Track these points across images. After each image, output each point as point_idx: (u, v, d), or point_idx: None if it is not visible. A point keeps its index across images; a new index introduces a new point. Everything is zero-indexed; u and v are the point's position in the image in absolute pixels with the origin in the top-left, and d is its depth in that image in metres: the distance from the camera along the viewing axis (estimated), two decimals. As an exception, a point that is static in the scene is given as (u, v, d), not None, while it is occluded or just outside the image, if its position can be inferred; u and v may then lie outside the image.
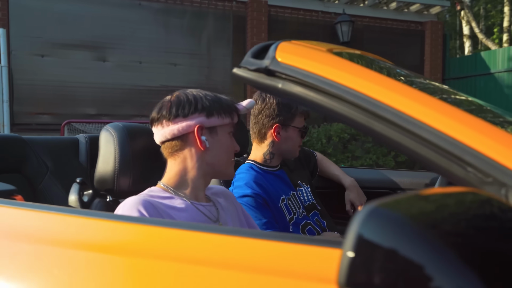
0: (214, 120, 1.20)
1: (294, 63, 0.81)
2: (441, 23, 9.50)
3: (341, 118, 0.75)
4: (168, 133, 1.19)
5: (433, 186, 1.98)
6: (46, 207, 1.01)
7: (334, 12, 8.43)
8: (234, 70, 0.89)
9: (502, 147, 0.65)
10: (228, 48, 7.82)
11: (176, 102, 1.20)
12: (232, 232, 0.80)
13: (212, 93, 1.26)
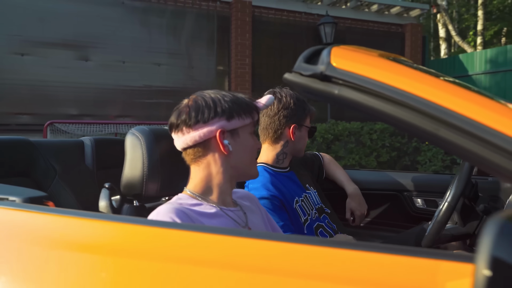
0: (235, 122, 1.17)
1: (352, 68, 0.80)
2: (420, 26, 9.69)
3: (405, 126, 0.75)
4: (189, 140, 1.16)
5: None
6: (81, 214, 0.99)
7: (317, 14, 8.49)
8: (285, 75, 0.88)
9: None
10: (212, 48, 7.78)
11: (194, 107, 1.16)
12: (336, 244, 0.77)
13: (229, 92, 1.23)
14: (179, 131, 1.17)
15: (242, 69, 7.73)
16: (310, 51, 0.88)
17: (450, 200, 1.45)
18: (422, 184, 2.02)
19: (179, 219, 1.05)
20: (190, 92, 4.64)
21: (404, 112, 0.74)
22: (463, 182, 1.46)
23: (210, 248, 0.84)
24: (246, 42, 7.78)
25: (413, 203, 2.01)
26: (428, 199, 1.99)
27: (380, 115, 0.77)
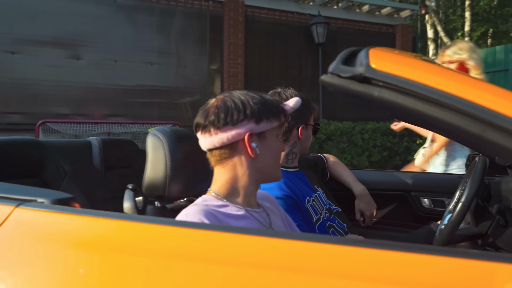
0: (263, 125, 1.17)
1: (392, 70, 0.80)
2: (410, 27, 9.78)
3: (450, 128, 0.76)
4: (216, 142, 1.14)
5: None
6: (111, 215, 0.98)
7: (309, 14, 8.51)
8: (322, 77, 0.88)
9: None
10: (205, 48, 7.76)
11: (224, 108, 1.15)
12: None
13: (256, 94, 1.22)
14: (206, 131, 1.16)
15: (235, 69, 7.72)
16: (346, 53, 0.88)
17: (465, 200, 1.46)
18: (429, 184, 2.04)
19: (208, 220, 1.05)
20: (182, 91, 4.77)
21: (449, 114, 0.74)
22: (477, 182, 1.47)
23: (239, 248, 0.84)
24: (239, 41, 7.77)
25: (420, 203, 2.03)
26: (435, 199, 2.01)
27: (423, 118, 0.78)
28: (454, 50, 2.79)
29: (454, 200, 1.76)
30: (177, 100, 7.53)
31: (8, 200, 0.99)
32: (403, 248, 0.73)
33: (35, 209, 0.97)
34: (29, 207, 0.97)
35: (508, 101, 0.73)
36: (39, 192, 1.03)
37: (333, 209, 1.93)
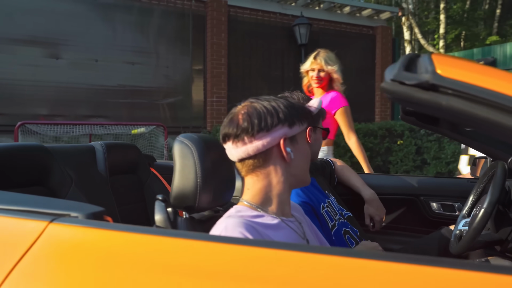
0: (295, 128, 1.13)
1: (462, 77, 0.77)
2: (390, 28, 9.90)
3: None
4: (251, 150, 1.09)
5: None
6: (149, 230, 0.92)
7: (291, 15, 8.51)
8: (383, 85, 0.84)
9: None
10: (188, 48, 7.65)
11: (256, 114, 1.10)
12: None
13: (281, 97, 1.18)
14: (239, 140, 1.10)
15: (218, 69, 7.65)
16: (406, 59, 0.84)
17: (487, 206, 1.45)
18: (438, 188, 2.04)
19: (249, 233, 1.00)
20: (165, 92, 4.72)
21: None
22: (498, 188, 1.47)
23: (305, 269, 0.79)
24: (222, 42, 7.70)
25: (430, 208, 2.03)
26: (445, 204, 2.01)
27: (495, 127, 0.75)
28: (326, 59, 2.87)
29: (468, 204, 1.76)
30: (159, 101, 7.41)
31: (39, 215, 0.92)
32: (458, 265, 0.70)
33: (70, 224, 0.90)
34: (63, 222, 0.90)
35: None
36: (70, 206, 0.96)
37: (344, 214, 1.91)
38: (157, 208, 1.12)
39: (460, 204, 1.99)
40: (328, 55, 2.93)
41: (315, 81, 2.90)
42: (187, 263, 0.86)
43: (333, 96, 2.93)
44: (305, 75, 3.04)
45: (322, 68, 2.88)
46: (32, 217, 0.91)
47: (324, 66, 2.88)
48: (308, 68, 2.93)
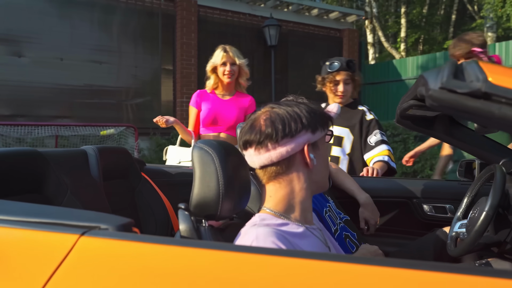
0: (318, 134, 1.12)
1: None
2: (357, 31, 10.09)
3: None
4: (274, 156, 1.07)
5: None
6: (181, 242, 0.89)
7: (261, 16, 8.52)
8: (430, 92, 0.83)
9: None
10: (157, 47, 7.51)
11: (279, 120, 1.08)
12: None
13: (300, 102, 1.16)
14: (262, 147, 1.08)
15: (188, 70, 7.55)
16: (453, 66, 0.84)
17: (488, 209, 1.48)
18: (430, 190, 2.08)
19: (281, 243, 0.98)
20: (133, 92, 4.63)
21: None
22: (499, 191, 1.50)
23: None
24: (192, 42, 7.61)
25: (422, 210, 2.07)
26: (437, 206, 2.05)
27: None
28: (236, 53, 2.88)
29: (463, 207, 1.80)
30: (127, 101, 7.24)
31: (69, 228, 0.87)
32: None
33: (102, 237, 0.85)
34: (95, 235, 0.85)
35: None
36: (98, 218, 0.91)
37: (342, 217, 1.91)
38: (182, 217, 1.08)
39: (452, 206, 2.04)
40: (236, 49, 2.90)
41: (227, 75, 2.83)
42: (232, 276, 0.83)
43: (252, 99, 3.04)
44: (210, 74, 2.90)
45: (234, 61, 2.84)
46: (62, 230, 0.86)
47: (236, 59, 2.85)
48: (220, 62, 2.83)
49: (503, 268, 1.56)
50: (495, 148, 1.88)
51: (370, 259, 0.83)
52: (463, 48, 2.44)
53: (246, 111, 2.99)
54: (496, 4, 9.62)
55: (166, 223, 2.05)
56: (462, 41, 2.46)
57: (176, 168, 2.34)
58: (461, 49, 2.45)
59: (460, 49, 2.45)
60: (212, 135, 2.89)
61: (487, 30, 11.56)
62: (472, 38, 2.45)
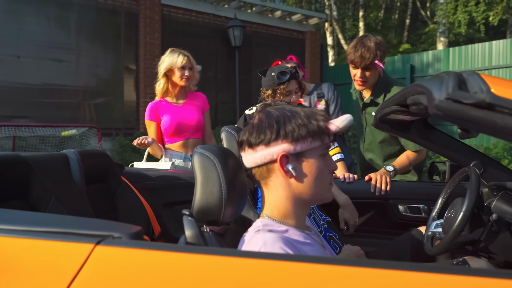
0: (300, 145, 1.08)
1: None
2: (319, 34, 10.27)
3: None
4: (251, 161, 1.11)
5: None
6: (186, 248, 0.89)
7: (225, 16, 8.52)
8: (437, 103, 0.87)
9: None
10: (119, 46, 7.36)
11: (257, 126, 1.10)
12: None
13: (301, 110, 1.13)
14: (242, 149, 1.13)
15: (152, 69, 7.41)
16: (457, 77, 0.88)
17: (465, 210, 1.56)
18: (405, 191, 2.16)
19: (289, 249, 1.00)
20: (95, 91, 4.57)
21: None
22: (475, 193, 1.59)
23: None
24: (156, 41, 7.50)
25: (398, 210, 2.14)
26: (412, 206, 2.13)
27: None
28: (192, 58, 2.88)
29: (437, 207, 1.88)
30: (89, 101, 7.05)
31: (83, 237, 0.85)
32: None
33: (118, 246, 0.84)
34: (109, 244, 0.84)
35: None
36: (110, 226, 0.90)
37: (324, 218, 1.96)
38: (187, 224, 1.07)
39: (425, 206, 2.13)
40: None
41: (185, 78, 2.81)
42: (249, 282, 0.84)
43: (204, 95, 3.02)
44: (162, 78, 2.83)
45: (192, 66, 2.85)
46: (77, 240, 0.84)
47: (194, 64, 2.87)
48: (179, 66, 2.78)
49: (482, 267, 1.64)
50: (466, 151, 1.98)
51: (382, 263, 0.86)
52: (366, 57, 2.28)
53: (202, 109, 2.97)
54: (448, 11, 10.05)
55: (146, 227, 2.03)
56: (365, 49, 2.29)
57: (156, 171, 2.32)
58: (363, 57, 2.30)
59: (362, 57, 2.30)
60: (179, 144, 2.84)
61: (440, 35, 12.06)
62: (376, 48, 2.30)
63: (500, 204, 1.84)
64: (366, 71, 2.35)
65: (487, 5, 9.64)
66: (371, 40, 2.31)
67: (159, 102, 2.87)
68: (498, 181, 1.93)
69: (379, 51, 2.29)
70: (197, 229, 1.07)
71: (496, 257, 1.67)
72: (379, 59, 2.30)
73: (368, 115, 2.57)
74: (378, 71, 2.41)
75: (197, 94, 3.02)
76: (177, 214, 2.23)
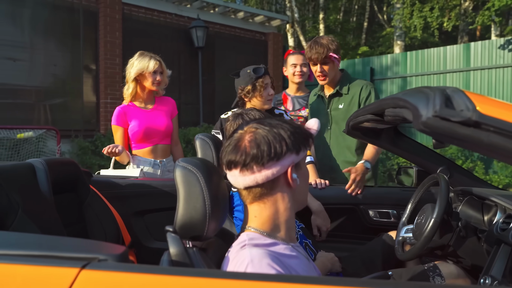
0: (301, 154, 1.13)
1: (502, 116, 0.84)
2: (281, 35, 10.33)
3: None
4: (260, 179, 1.07)
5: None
6: (170, 270, 0.87)
7: (187, 16, 8.42)
8: (425, 120, 0.88)
9: None
10: (78, 45, 7.12)
11: (264, 142, 1.08)
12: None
13: (280, 121, 1.15)
14: (248, 169, 1.07)
15: (112, 69, 7.25)
16: (442, 95, 0.89)
17: (436, 216, 1.61)
18: (375, 197, 2.21)
19: (276, 265, 0.99)
20: (52, 91, 4.48)
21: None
22: (445, 200, 1.64)
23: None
24: (116, 40, 7.32)
25: (369, 215, 2.19)
26: (381, 211, 2.18)
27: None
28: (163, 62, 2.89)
29: (407, 212, 1.93)
30: (46, 102, 6.79)
31: (66, 261, 0.81)
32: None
33: (103, 270, 0.81)
34: (95, 268, 0.81)
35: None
36: (93, 247, 0.87)
37: (298, 225, 1.97)
38: (171, 240, 1.04)
39: (394, 211, 2.18)
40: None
41: (157, 83, 2.78)
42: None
43: (173, 100, 3.01)
44: (132, 82, 2.79)
45: (163, 70, 2.84)
46: (60, 264, 0.80)
47: (165, 68, 2.86)
48: (151, 70, 2.75)
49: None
50: (433, 157, 2.05)
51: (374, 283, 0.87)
52: (320, 52, 2.52)
53: (171, 114, 2.94)
54: (405, 16, 10.35)
55: (116, 237, 1.97)
56: (319, 45, 2.55)
57: (125, 179, 2.25)
58: (318, 52, 2.53)
59: (317, 52, 2.54)
60: (147, 149, 2.78)
61: (397, 39, 12.42)
62: (328, 43, 2.55)
63: (466, 209, 1.91)
64: (324, 66, 2.58)
65: (440, 11, 9.99)
66: (324, 38, 2.61)
67: (127, 106, 2.79)
68: (463, 186, 2.01)
69: (331, 45, 2.55)
70: (182, 246, 1.04)
71: (464, 261, 1.73)
72: (332, 52, 2.55)
73: (334, 110, 2.69)
74: (335, 65, 2.63)
75: (166, 99, 2.97)
76: (148, 223, 2.19)
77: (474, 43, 8.04)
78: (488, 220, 1.84)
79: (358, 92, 2.62)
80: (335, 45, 2.58)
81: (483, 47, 7.84)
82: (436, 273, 1.73)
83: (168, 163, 2.87)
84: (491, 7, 9.15)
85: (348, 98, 2.65)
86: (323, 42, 2.56)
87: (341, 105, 2.66)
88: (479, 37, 15.97)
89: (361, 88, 2.62)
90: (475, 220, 1.86)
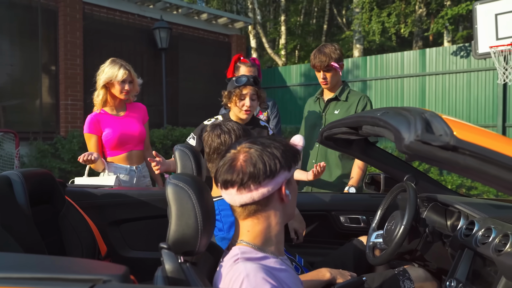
0: (292, 170, 1.18)
1: (477, 141, 0.93)
2: (244, 37, 10.38)
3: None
4: (256, 196, 1.12)
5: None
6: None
7: (150, 17, 8.32)
8: (407, 143, 0.96)
9: None
10: (36, 45, 6.89)
11: (260, 161, 1.12)
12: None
13: (269, 139, 1.20)
14: (245, 188, 1.12)
15: (73, 70, 7.07)
16: (423, 121, 0.97)
17: (406, 223, 1.70)
18: (345, 203, 2.30)
19: (271, 279, 1.04)
20: (9, 92, 4.47)
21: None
22: (414, 207, 1.74)
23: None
24: (77, 41, 7.14)
25: (340, 221, 2.28)
26: (352, 217, 2.28)
27: (504, 182, 0.93)
28: (134, 71, 2.89)
29: (377, 218, 2.03)
30: (3, 103, 6.54)
31: (71, 283, 0.83)
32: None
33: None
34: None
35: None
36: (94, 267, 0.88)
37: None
38: (166, 257, 1.07)
39: (364, 217, 2.28)
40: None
41: (125, 92, 2.77)
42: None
43: (144, 106, 3.02)
44: (101, 89, 2.77)
45: (133, 79, 2.83)
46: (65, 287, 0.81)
47: (135, 77, 2.85)
48: (120, 79, 2.73)
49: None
50: (401, 166, 2.16)
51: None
52: (323, 61, 2.75)
53: (143, 119, 2.95)
54: (364, 20, 10.65)
55: (92, 247, 1.96)
56: (322, 54, 2.77)
57: (101, 189, 2.24)
58: (320, 61, 2.76)
59: (320, 61, 2.76)
60: (122, 156, 2.78)
61: (356, 42, 12.75)
62: (331, 52, 2.76)
63: (430, 214, 2.03)
64: (326, 73, 2.79)
65: (397, 17, 10.36)
66: (327, 47, 2.81)
67: (100, 114, 2.77)
68: (428, 192, 2.13)
69: (333, 54, 2.76)
70: (177, 262, 1.07)
71: (430, 264, 1.84)
72: (334, 61, 2.75)
73: (329, 115, 2.87)
74: (337, 72, 2.83)
75: (137, 105, 2.96)
76: (124, 233, 2.19)
77: (429, 49, 8.39)
78: (451, 225, 1.95)
79: (356, 101, 2.81)
80: (338, 54, 2.77)
81: (438, 53, 8.20)
82: (406, 276, 1.83)
83: (143, 169, 2.88)
84: (444, 16, 9.57)
85: (346, 106, 2.82)
86: (326, 51, 2.76)
87: (337, 111, 2.84)
88: (432, 41, 16.64)
89: (359, 98, 2.82)
90: (439, 225, 1.98)
